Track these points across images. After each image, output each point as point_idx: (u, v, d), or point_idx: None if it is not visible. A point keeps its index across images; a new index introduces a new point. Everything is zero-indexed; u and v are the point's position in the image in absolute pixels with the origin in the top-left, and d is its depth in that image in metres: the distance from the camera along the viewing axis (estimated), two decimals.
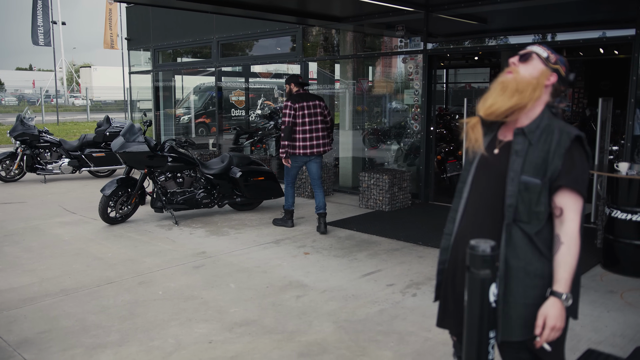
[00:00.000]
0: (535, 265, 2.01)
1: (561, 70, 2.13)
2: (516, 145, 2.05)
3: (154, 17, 12.70)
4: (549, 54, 2.13)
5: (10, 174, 10.35)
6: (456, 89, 20.10)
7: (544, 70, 2.10)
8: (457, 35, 8.08)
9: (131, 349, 3.65)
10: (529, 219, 2.01)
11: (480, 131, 2.11)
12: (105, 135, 10.53)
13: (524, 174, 2.01)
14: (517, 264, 2.01)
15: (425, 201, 8.33)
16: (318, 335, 3.82)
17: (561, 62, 2.14)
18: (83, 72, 53.82)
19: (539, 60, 2.11)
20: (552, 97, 2.13)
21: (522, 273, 2.01)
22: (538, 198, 2.00)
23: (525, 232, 2.01)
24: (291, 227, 6.85)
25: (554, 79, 2.11)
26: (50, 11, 28.71)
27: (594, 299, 4.50)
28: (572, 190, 1.99)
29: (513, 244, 2.02)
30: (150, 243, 6.20)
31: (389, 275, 5.08)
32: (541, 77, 2.09)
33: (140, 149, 6.86)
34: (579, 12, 6.82)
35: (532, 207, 2.00)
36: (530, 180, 2.00)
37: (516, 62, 2.13)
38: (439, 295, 2.31)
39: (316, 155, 6.60)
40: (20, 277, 5.07)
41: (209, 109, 14.27)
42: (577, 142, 2.02)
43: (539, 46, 2.16)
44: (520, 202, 2.01)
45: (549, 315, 1.97)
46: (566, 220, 2.00)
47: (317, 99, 6.64)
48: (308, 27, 9.64)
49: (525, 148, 2.03)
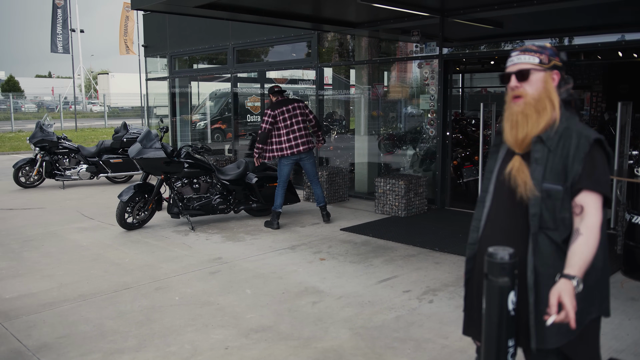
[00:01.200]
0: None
1: (557, 62, 2.08)
2: (535, 153, 2.02)
3: (170, 24, 12.82)
4: (538, 56, 2.06)
5: (30, 180, 10.49)
6: (472, 93, 19.98)
7: (545, 76, 2.06)
8: (473, 40, 8.04)
9: (148, 354, 3.67)
10: (555, 225, 1.98)
11: (527, 172, 2.03)
12: (123, 142, 10.63)
13: (545, 181, 1.98)
14: (547, 271, 1.99)
15: (441, 207, 8.28)
16: (334, 342, 3.81)
17: (552, 54, 2.08)
18: (101, 79, 54.51)
19: (536, 70, 2.06)
20: (559, 87, 2.09)
21: (552, 280, 1.98)
22: (562, 204, 1.98)
23: (552, 240, 1.99)
24: (276, 229, 7.11)
25: (557, 76, 2.08)
26: (69, 19, 29.15)
27: (615, 306, 4.42)
28: (594, 191, 1.96)
29: (541, 252, 1.99)
30: (167, 249, 6.23)
31: (405, 281, 5.05)
32: (548, 84, 2.05)
33: (157, 155, 6.91)
34: (597, 16, 6.75)
35: (556, 213, 1.98)
36: (552, 187, 1.98)
37: (517, 84, 2.08)
38: (466, 305, 2.30)
39: (305, 153, 7.15)
40: (39, 282, 5.12)
41: (225, 114, 14.34)
42: (597, 144, 1.99)
43: (525, 53, 2.08)
44: (544, 209, 1.99)
45: (562, 293, 1.86)
46: (587, 215, 1.95)
47: (295, 101, 7.22)
48: (323, 33, 9.66)
49: (545, 155, 2.00)
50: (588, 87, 14.66)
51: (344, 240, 6.52)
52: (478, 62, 14.36)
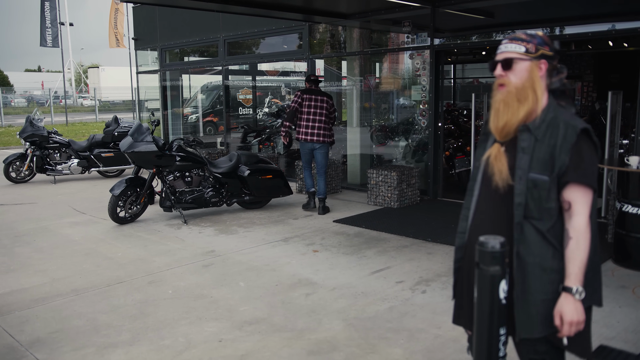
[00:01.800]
0: (551, 261, 2.00)
1: (545, 51, 2.05)
2: (522, 142, 2.02)
3: (161, 16, 12.73)
4: (525, 45, 2.04)
5: (21, 175, 10.42)
6: (464, 84, 20.00)
7: (530, 65, 2.04)
8: (464, 30, 8.03)
9: (142, 348, 3.67)
10: (540, 215, 1.99)
11: (504, 161, 2.05)
12: (114, 136, 10.58)
13: (531, 171, 1.99)
14: (533, 260, 2.00)
15: (434, 197, 8.30)
16: (328, 333, 3.82)
17: (540, 42, 2.06)
18: (91, 73, 54.15)
19: (521, 59, 2.04)
20: (550, 76, 2.08)
21: (538, 269, 2.00)
22: (548, 194, 1.98)
23: (537, 229, 1.99)
24: (313, 208, 7.67)
25: (544, 66, 2.05)
26: (57, 12, 28.87)
27: (605, 294, 4.45)
28: (581, 184, 1.97)
29: (527, 242, 2.00)
30: (160, 242, 6.22)
31: (398, 272, 5.07)
32: (533, 74, 2.03)
33: (148, 149, 6.88)
34: (588, 5, 6.76)
35: (542, 203, 1.99)
36: (538, 177, 1.98)
37: (502, 72, 2.08)
38: (456, 293, 2.31)
39: (319, 144, 7.41)
40: (32, 278, 5.10)
41: (217, 107, 14.30)
42: (584, 134, 1.98)
43: (512, 42, 2.07)
44: (530, 199, 1.99)
45: (564, 312, 1.97)
46: (574, 214, 1.98)
47: (325, 95, 7.54)
48: (314, 25, 9.62)
49: (532, 144, 2.00)
50: (579, 76, 14.72)
51: (336, 232, 6.53)
52: (469, 53, 14.37)
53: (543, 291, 2.00)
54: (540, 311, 2.01)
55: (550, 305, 2.01)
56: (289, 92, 13.33)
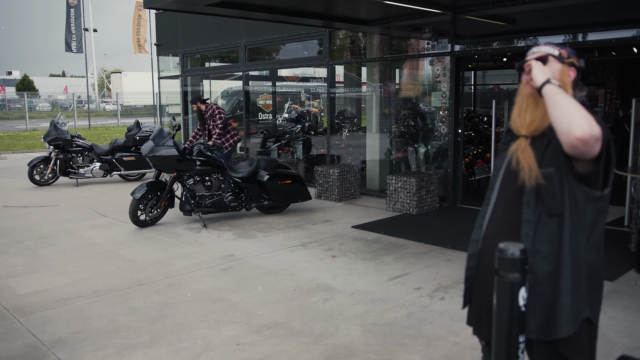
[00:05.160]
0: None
1: (575, 62, 2.09)
2: (536, 142, 2.01)
3: (183, 22, 12.88)
4: (559, 50, 2.08)
5: (44, 177, 10.60)
6: (484, 90, 19.88)
7: (562, 68, 2.06)
8: (485, 37, 7.99)
9: (161, 350, 3.70)
10: (561, 208, 1.96)
11: (532, 156, 1.98)
12: (135, 140, 10.71)
13: (541, 168, 1.97)
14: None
15: (453, 204, 8.25)
16: (345, 339, 3.82)
17: (572, 52, 2.10)
18: (114, 78, 54.90)
19: (555, 60, 2.06)
20: (574, 88, 2.08)
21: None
22: (561, 185, 1.96)
23: (555, 224, 1.97)
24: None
25: (573, 74, 2.07)
26: (82, 19, 29.37)
27: (628, 304, 4.39)
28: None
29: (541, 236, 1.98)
30: (179, 246, 6.28)
31: (416, 278, 5.04)
32: (564, 77, 2.04)
33: (169, 153, 6.96)
34: (611, 11, 6.68)
35: (557, 196, 1.96)
36: (546, 170, 1.96)
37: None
38: (467, 301, 2.28)
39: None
40: (54, 279, 5.18)
41: (237, 112, 14.40)
42: None
43: (547, 45, 2.10)
44: (546, 195, 1.96)
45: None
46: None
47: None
48: (335, 31, 9.65)
49: (545, 144, 1.99)
50: (602, 83, 14.53)
51: (355, 237, 6.53)
52: (490, 59, 14.29)
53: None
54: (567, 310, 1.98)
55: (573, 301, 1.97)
56: (308, 97, 13.38)
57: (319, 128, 11.56)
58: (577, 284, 1.98)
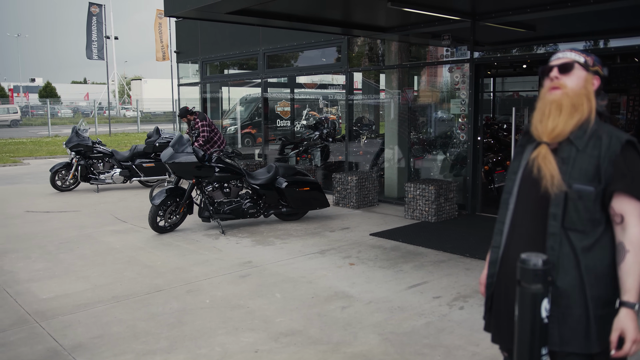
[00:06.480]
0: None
1: (600, 70, 2.07)
2: (562, 152, 1.98)
3: (202, 30, 13.01)
4: (585, 57, 2.06)
5: (66, 183, 10.75)
6: (504, 97, 19.72)
7: (587, 76, 2.04)
8: (505, 44, 7.94)
9: (179, 356, 3.72)
10: (583, 227, 1.94)
11: (554, 163, 1.97)
12: (155, 146, 10.82)
13: (574, 181, 1.94)
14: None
15: (472, 212, 8.19)
16: (363, 347, 3.80)
17: (597, 61, 2.08)
18: (134, 85, 55.58)
19: (580, 67, 2.05)
20: (596, 96, 2.06)
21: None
22: (594, 206, 1.93)
23: (572, 244, 1.94)
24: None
25: (597, 82, 2.06)
26: (103, 27, 29.82)
27: None
28: (629, 195, 1.91)
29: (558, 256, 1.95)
30: (198, 252, 6.31)
31: (435, 287, 5.01)
32: (588, 85, 2.03)
33: (188, 160, 7.02)
34: (634, 17, 6.60)
35: (588, 214, 1.93)
36: (584, 188, 1.93)
37: (558, 75, 2.05)
38: (488, 309, 2.26)
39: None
40: (75, 284, 5.24)
41: (255, 119, 14.48)
42: (629, 145, 1.94)
43: (572, 51, 2.08)
44: (573, 211, 1.94)
45: (626, 329, 1.86)
46: (628, 226, 1.91)
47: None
48: (353, 38, 9.67)
49: (573, 155, 1.96)
50: (625, 90, 14.33)
51: (373, 245, 6.51)
52: (510, 66, 14.17)
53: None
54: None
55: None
56: (326, 104, 13.40)
57: (337, 135, 11.56)
58: (605, 298, 1.95)
